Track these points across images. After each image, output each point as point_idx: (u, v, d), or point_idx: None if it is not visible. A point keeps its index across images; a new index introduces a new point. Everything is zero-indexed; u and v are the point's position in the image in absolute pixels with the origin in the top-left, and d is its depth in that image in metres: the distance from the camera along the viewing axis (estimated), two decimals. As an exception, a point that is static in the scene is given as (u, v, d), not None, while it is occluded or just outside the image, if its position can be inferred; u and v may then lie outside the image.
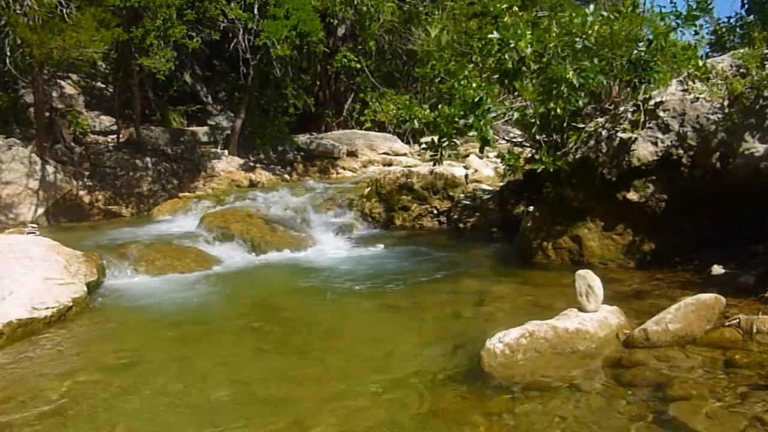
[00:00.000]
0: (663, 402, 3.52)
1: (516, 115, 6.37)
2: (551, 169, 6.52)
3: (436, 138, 6.42)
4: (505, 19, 6.55)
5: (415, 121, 6.17)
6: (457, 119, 5.91)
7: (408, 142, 18.23)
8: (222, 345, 5.19)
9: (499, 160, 10.32)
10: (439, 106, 6.06)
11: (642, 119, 6.31)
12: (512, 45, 6.25)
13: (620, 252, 6.58)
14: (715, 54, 8.50)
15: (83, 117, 13.80)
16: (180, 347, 5.17)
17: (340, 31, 18.04)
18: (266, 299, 6.68)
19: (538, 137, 7.06)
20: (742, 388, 3.58)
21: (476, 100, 5.91)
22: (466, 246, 8.63)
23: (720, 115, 5.85)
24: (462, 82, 6.11)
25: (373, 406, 3.86)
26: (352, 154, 16.07)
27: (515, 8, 6.80)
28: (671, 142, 6.12)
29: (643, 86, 6.37)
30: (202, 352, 5.02)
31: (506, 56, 6.37)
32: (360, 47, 18.01)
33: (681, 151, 6.08)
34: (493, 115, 6.06)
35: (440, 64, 6.56)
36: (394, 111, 6.30)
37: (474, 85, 6.04)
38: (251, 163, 14.88)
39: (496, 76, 6.66)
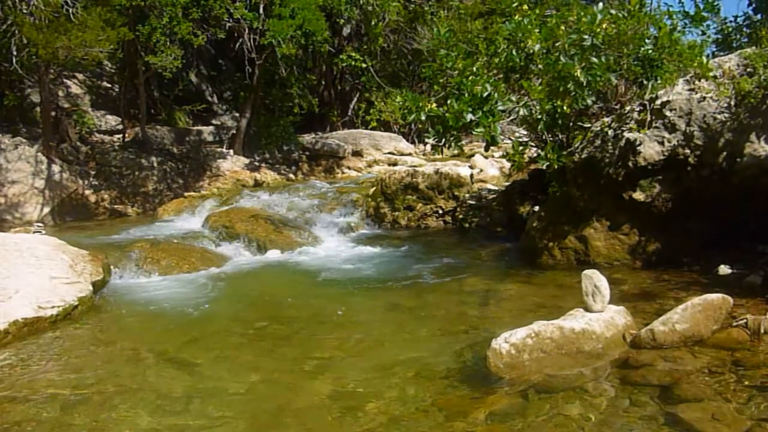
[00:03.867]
0: (670, 403, 3.50)
1: (523, 111, 6.35)
2: (555, 166, 6.50)
3: (440, 128, 6.35)
4: (516, 17, 6.52)
5: (422, 114, 6.11)
6: (465, 114, 5.87)
7: (413, 142, 18.21)
8: (227, 345, 5.19)
9: (504, 160, 10.30)
10: (448, 101, 6.02)
11: (648, 119, 6.28)
12: (520, 42, 6.23)
13: (626, 252, 6.55)
14: (722, 53, 8.46)
15: (89, 116, 13.82)
16: (185, 346, 5.18)
17: (346, 30, 18.04)
18: (271, 299, 6.68)
19: (544, 136, 7.04)
20: (750, 388, 3.57)
21: (485, 95, 5.87)
22: (471, 246, 8.61)
23: (727, 115, 5.82)
24: (470, 78, 6.08)
25: (379, 406, 3.85)
26: (357, 153, 16.06)
27: (525, 6, 6.77)
28: (678, 141, 6.09)
29: (650, 84, 6.34)
30: (206, 352, 5.02)
31: (514, 52, 6.35)
32: (365, 47, 18.01)
33: (688, 151, 6.06)
34: (502, 109, 6.03)
35: (448, 59, 6.52)
36: (400, 102, 6.21)
37: (482, 81, 6.00)
38: (256, 163, 14.89)
39: (501, 76, 6.64)
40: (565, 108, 6.39)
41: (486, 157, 11.84)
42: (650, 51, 6.16)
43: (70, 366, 4.77)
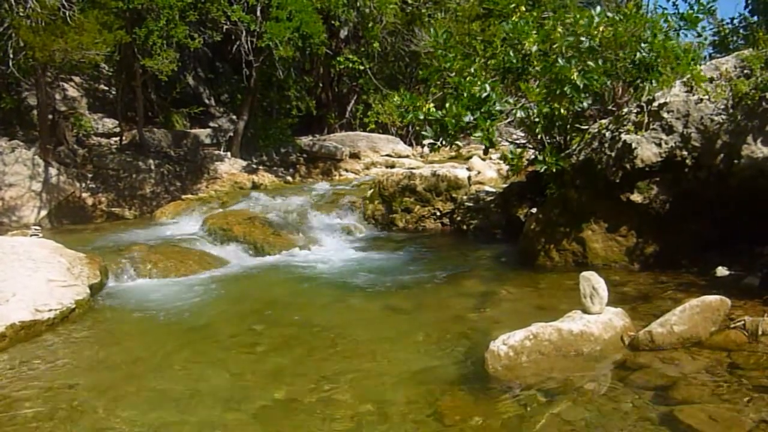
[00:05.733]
0: (668, 404, 3.50)
1: (520, 114, 6.35)
2: (554, 169, 6.51)
3: (437, 128, 6.33)
4: (513, 18, 6.52)
5: (420, 114, 6.08)
6: (463, 116, 5.86)
7: (411, 144, 18.23)
8: (224, 348, 5.18)
9: (502, 162, 10.31)
10: (446, 105, 6.01)
11: (646, 120, 6.29)
12: (517, 43, 6.23)
13: (624, 254, 6.55)
14: (719, 55, 8.48)
15: (86, 119, 13.81)
16: (181, 349, 5.16)
17: (343, 33, 18.05)
18: (268, 301, 6.66)
19: (541, 138, 7.04)
20: (748, 390, 3.57)
21: (484, 96, 5.86)
22: (469, 248, 8.61)
23: (724, 117, 5.83)
24: (468, 79, 6.07)
25: (376, 408, 3.85)
26: (354, 155, 16.07)
27: (522, 8, 6.77)
28: (675, 143, 6.10)
29: (646, 87, 6.34)
30: (203, 355, 5.01)
31: (511, 53, 6.35)
32: (362, 49, 18.02)
33: (685, 153, 6.06)
34: (499, 108, 6.01)
35: (446, 59, 6.51)
36: (398, 102, 6.17)
37: (479, 82, 5.99)
38: (254, 165, 14.88)
39: (497, 78, 6.63)
40: (562, 110, 6.39)
41: (484, 159, 11.86)
42: (645, 55, 6.17)
43: (67, 369, 4.76)
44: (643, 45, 6.21)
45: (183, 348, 5.21)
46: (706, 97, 5.94)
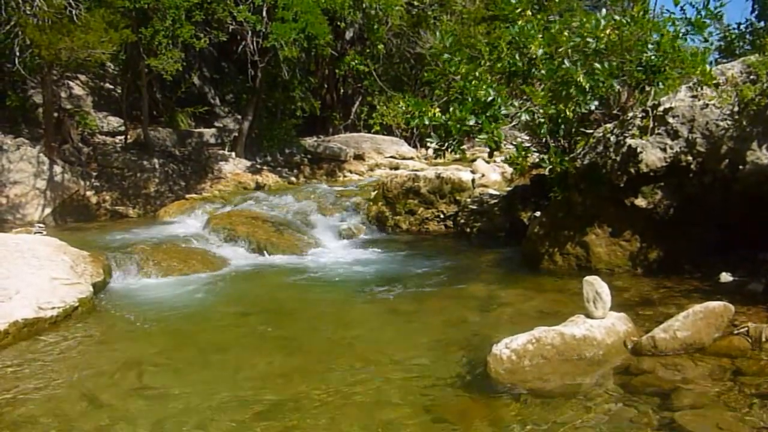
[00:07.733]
0: (670, 410, 3.49)
1: (525, 116, 6.34)
2: (558, 170, 6.48)
3: (442, 133, 6.33)
4: (519, 22, 6.51)
5: (425, 119, 6.07)
6: (467, 120, 5.86)
7: (415, 146, 18.21)
8: (226, 348, 5.18)
9: (506, 165, 10.30)
10: (450, 109, 6.00)
11: (651, 125, 6.27)
12: (523, 47, 6.23)
13: (628, 258, 6.54)
14: (725, 60, 8.46)
15: (91, 117, 13.85)
16: (183, 349, 5.17)
17: (348, 34, 18.05)
18: (271, 302, 6.67)
19: (546, 141, 7.04)
20: (751, 396, 3.56)
21: (488, 100, 5.86)
22: (472, 251, 8.60)
23: (730, 122, 5.81)
24: (473, 82, 6.06)
25: (379, 411, 3.84)
26: (359, 157, 16.06)
27: (528, 12, 6.76)
28: (680, 148, 6.08)
29: (652, 91, 6.33)
30: (205, 355, 5.02)
31: (516, 57, 6.34)
32: (368, 50, 18.01)
33: (690, 158, 6.05)
34: (504, 112, 6.00)
35: (451, 64, 6.50)
36: (403, 107, 6.17)
37: (485, 86, 5.98)
38: (258, 166, 14.89)
39: (502, 81, 6.62)
40: (568, 113, 6.38)
41: (488, 162, 11.85)
42: (653, 57, 6.16)
43: (70, 367, 4.76)
44: (650, 47, 6.20)
45: (185, 347, 5.21)
46: (712, 102, 5.93)
